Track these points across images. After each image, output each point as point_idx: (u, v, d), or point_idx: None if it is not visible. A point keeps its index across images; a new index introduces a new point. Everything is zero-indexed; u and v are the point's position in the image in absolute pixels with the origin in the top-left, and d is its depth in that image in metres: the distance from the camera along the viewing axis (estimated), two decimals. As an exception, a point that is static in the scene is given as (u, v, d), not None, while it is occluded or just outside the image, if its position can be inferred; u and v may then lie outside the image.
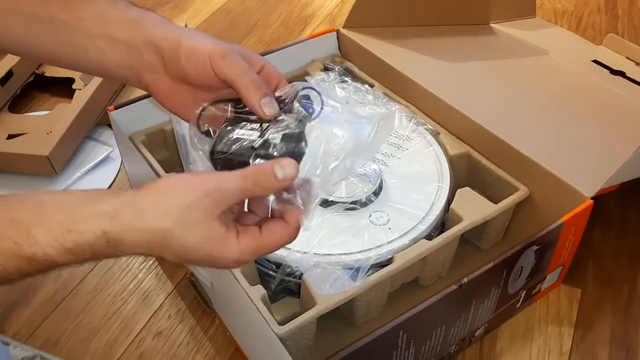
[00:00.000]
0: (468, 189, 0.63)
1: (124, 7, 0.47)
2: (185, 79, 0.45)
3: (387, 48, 0.79)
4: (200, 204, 0.37)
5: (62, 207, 0.36)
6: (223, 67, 0.43)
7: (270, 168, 0.38)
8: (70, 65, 0.49)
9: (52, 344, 0.64)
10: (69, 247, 0.35)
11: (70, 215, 0.36)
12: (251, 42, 1.11)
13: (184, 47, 0.44)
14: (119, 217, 0.36)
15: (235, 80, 0.43)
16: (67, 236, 0.35)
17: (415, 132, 0.69)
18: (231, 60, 0.43)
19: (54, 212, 0.36)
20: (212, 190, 0.37)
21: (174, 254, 0.38)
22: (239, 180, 0.38)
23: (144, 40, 0.45)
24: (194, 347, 0.63)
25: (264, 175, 0.38)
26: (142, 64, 0.46)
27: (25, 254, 0.35)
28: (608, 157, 0.62)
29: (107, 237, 0.36)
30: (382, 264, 0.56)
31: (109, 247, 0.36)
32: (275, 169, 0.38)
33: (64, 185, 0.81)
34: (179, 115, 0.49)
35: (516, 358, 0.62)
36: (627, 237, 0.74)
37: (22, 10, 0.47)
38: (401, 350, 0.52)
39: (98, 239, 0.36)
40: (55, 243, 0.35)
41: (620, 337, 0.64)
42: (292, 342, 0.52)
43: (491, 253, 0.66)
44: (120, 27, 0.46)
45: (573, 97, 0.73)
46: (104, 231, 0.36)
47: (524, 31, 0.86)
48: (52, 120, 0.83)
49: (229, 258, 0.38)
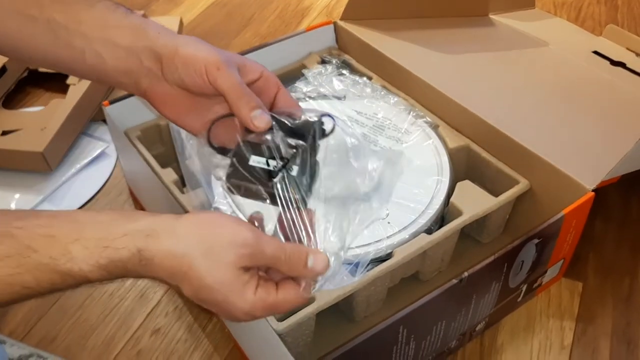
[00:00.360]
0: (468, 182, 0.63)
1: (123, 13, 0.47)
2: (183, 86, 0.46)
3: (385, 40, 0.78)
4: (235, 250, 0.38)
5: (98, 224, 0.37)
6: (217, 78, 0.44)
7: (306, 255, 0.40)
8: (67, 69, 0.49)
9: (49, 342, 0.63)
10: (103, 263, 0.36)
11: (107, 232, 0.37)
12: (247, 35, 1.10)
13: (181, 55, 0.44)
14: (154, 235, 0.37)
15: (226, 93, 0.44)
16: (102, 253, 0.36)
17: (414, 125, 0.69)
18: (225, 72, 0.44)
19: (90, 229, 0.37)
20: (251, 245, 0.38)
21: (192, 288, 0.38)
22: (276, 249, 0.39)
23: (144, 46, 0.45)
24: (192, 344, 0.63)
25: (296, 257, 0.40)
26: (140, 70, 0.46)
27: (60, 269, 0.36)
28: (609, 149, 0.62)
29: (141, 255, 0.37)
30: (381, 259, 0.56)
31: (141, 266, 0.37)
32: (309, 259, 0.40)
33: (59, 182, 0.81)
34: (176, 122, 0.49)
35: (517, 352, 0.61)
36: (628, 229, 0.74)
37: (19, 12, 0.46)
38: (401, 346, 0.52)
39: (132, 257, 0.37)
40: (90, 259, 0.36)
41: (621, 330, 0.63)
42: (291, 339, 0.51)
43: (492, 247, 0.66)
44: (119, 32, 0.46)
45: (573, 89, 0.73)
46: (139, 249, 0.37)
47: (523, 22, 0.85)
48: (47, 116, 0.83)
49: (242, 309, 0.39)
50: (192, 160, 0.59)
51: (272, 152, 0.43)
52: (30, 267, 0.35)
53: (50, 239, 0.36)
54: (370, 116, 0.70)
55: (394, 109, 0.71)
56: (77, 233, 0.36)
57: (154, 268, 0.37)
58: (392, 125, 0.69)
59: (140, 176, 0.72)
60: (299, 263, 0.40)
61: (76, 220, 0.37)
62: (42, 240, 0.36)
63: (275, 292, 0.40)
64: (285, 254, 0.39)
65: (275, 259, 0.39)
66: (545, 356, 0.61)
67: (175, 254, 0.37)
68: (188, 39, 0.46)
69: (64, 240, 0.36)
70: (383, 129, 0.68)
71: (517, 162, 0.63)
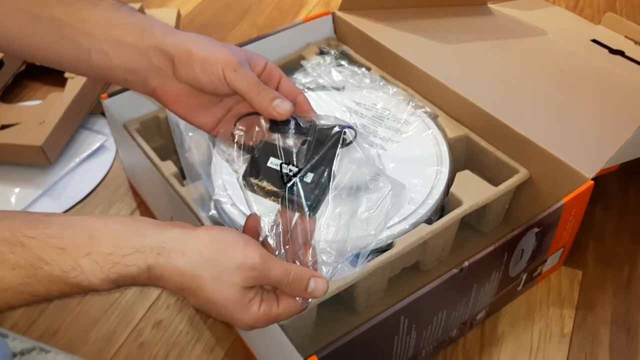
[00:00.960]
0: (467, 172, 0.63)
1: (127, 11, 0.47)
2: (198, 86, 0.47)
3: (383, 30, 0.78)
4: (243, 273, 0.39)
5: (110, 238, 0.38)
6: (234, 80, 0.45)
7: (307, 280, 0.42)
8: (70, 67, 0.49)
9: (51, 336, 0.63)
10: (112, 278, 0.37)
11: (117, 247, 0.38)
12: (245, 27, 1.10)
13: (197, 57, 0.45)
14: (165, 254, 0.38)
15: (245, 93, 0.45)
16: (112, 268, 0.37)
17: (414, 115, 0.69)
18: (241, 73, 0.45)
19: (101, 243, 0.37)
20: (258, 269, 0.40)
21: (199, 302, 0.40)
22: (282, 272, 0.41)
23: (151, 45, 0.46)
24: (193, 336, 0.63)
25: (299, 280, 0.42)
26: (149, 69, 0.46)
27: (71, 281, 0.36)
28: (608, 138, 0.62)
29: (150, 272, 0.38)
30: (382, 249, 0.56)
31: (149, 280, 0.38)
32: (310, 283, 0.42)
33: (58, 176, 0.80)
34: (187, 119, 0.50)
35: (517, 341, 0.62)
36: (628, 217, 0.74)
37: (20, 10, 0.46)
38: (403, 335, 0.52)
39: (142, 273, 0.38)
40: (100, 274, 0.37)
41: (621, 318, 0.63)
42: (292, 330, 0.51)
43: (492, 236, 0.66)
44: (125, 30, 0.46)
45: (572, 77, 0.73)
46: (149, 266, 0.38)
47: (522, 11, 0.85)
48: (45, 109, 0.82)
49: (246, 323, 0.41)
50: (191, 153, 0.60)
51: (290, 156, 0.45)
52: (41, 277, 0.36)
53: (61, 251, 0.36)
54: (369, 107, 0.69)
55: (393, 100, 0.71)
56: (88, 247, 0.37)
57: (162, 282, 0.39)
58: (391, 115, 0.68)
59: (140, 169, 0.72)
60: (300, 286, 0.42)
61: (87, 230, 0.38)
62: (54, 252, 0.36)
63: (277, 305, 0.42)
64: (289, 279, 0.41)
65: (278, 281, 0.41)
66: (545, 344, 0.61)
67: (185, 273, 0.38)
68: (196, 38, 0.46)
69: (75, 254, 0.37)
70: (382, 120, 0.68)
71: (517, 151, 0.63)
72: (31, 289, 0.36)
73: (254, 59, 0.48)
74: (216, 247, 0.39)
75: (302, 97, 0.49)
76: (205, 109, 0.49)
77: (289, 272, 0.41)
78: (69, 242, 0.37)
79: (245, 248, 0.40)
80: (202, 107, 0.48)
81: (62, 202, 0.78)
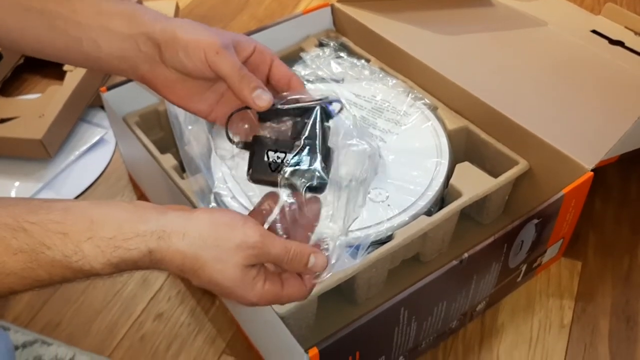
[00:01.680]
0: (467, 164, 0.63)
1: (117, 0, 0.47)
2: (184, 71, 0.46)
3: (382, 22, 0.78)
4: (243, 251, 0.39)
5: (111, 223, 0.38)
6: (216, 63, 0.45)
7: (307, 256, 0.42)
8: (64, 59, 0.50)
9: (53, 328, 0.64)
10: (114, 262, 0.37)
11: (119, 232, 0.38)
12: (244, 18, 1.09)
13: (181, 41, 0.45)
14: (165, 237, 0.38)
15: (227, 77, 0.45)
16: (114, 252, 0.37)
17: (413, 107, 0.69)
18: (223, 56, 0.45)
19: (103, 228, 0.37)
20: (258, 246, 0.40)
21: (201, 281, 0.40)
22: (282, 249, 0.41)
23: (140, 32, 0.46)
24: (195, 328, 0.63)
25: (299, 257, 0.41)
26: (138, 56, 0.46)
27: (73, 266, 0.37)
28: (608, 129, 0.62)
29: (152, 255, 0.38)
30: (382, 241, 0.56)
31: (151, 263, 0.38)
32: (310, 259, 0.42)
33: (58, 169, 0.81)
34: (180, 105, 0.50)
35: (517, 331, 0.62)
36: (627, 208, 0.74)
37: (15, 4, 0.47)
38: (403, 327, 0.52)
39: (143, 257, 0.38)
40: (102, 258, 0.37)
41: (621, 308, 0.64)
42: (293, 321, 0.52)
43: (491, 228, 0.66)
44: (114, 18, 0.46)
45: (572, 68, 0.72)
46: (150, 250, 0.38)
47: (522, 2, 0.84)
48: (44, 103, 0.82)
49: (249, 300, 0.41)
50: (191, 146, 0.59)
51: (284, 143, 0.45)
52: (43, 262, 0.36)
53: (63, 236, 0.36)
54: (368, 99, 0.69)
55: (393, 91, 0.70)
56: (90, 231, 0.37)
57: (164, 265, 0.39)
58: (390, 107, 0.68)
59: (140, 162, 0.72)
60: (301, 263, 0.42)
61: (88, 216, 0.38)
62: (55, 237, 0.36)
63: (280, 286, 0.41)
64: (289, 256, 0.41)
65: (279, 259, 0.41)
66: (545, 335, 0.62)
67: (186, 254, 0.38)
68: (183, 22, 0.46)
69: (77, 239, 0.37)
70: (382, 112, 0.68)
71: (516, 142, 0.63)
72: (34, 274, 0.36)
73: (242, 43, 0.47)
74: (216, 228, 0.39)
75: (295, 79, 0.49)
76: (197, 95, 0.48)
77: (288, 249, 0.41)
78: (71, 227, 0.37)
79: (244, 227, 0.40)
80: (195, 92, 0.48)
81: (62, 195, 0.78)
